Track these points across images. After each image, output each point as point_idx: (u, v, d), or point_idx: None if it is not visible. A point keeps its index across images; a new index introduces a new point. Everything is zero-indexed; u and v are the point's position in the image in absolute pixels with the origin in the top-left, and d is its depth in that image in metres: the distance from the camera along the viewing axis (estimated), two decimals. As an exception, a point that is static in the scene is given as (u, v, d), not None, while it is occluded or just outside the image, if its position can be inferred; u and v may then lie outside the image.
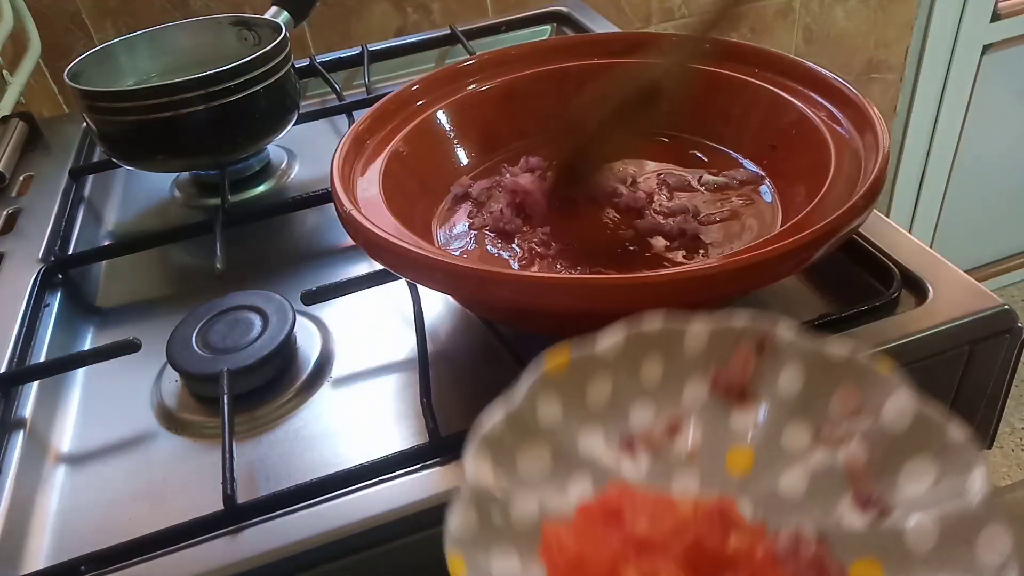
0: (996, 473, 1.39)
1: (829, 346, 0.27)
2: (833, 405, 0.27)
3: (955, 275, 0.43)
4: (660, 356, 0.28)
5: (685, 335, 0.28)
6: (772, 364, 0.27)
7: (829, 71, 0.47)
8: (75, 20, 0.87)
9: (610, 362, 0.28)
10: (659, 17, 1.09)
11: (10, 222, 0.59)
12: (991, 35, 1.36)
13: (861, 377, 0.26)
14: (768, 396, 0.27)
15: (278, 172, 0.65)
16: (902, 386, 0.26)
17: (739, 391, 0.28)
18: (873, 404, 0.26)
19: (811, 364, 0.27)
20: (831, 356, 0.27)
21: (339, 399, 0.43)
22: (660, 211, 0.47)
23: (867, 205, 0.36)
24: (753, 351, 0.28)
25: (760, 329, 0.27)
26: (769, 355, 0.27)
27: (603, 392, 0.28)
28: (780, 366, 0.27)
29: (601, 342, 0.28)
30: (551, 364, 0.27)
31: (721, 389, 0.28)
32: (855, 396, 0.26)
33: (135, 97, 0.54)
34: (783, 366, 0.27)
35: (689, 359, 0.28)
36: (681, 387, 0.28)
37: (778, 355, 0.27)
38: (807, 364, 0.27)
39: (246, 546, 0.34)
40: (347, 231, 0.40)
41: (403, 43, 0.81)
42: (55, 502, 0.39)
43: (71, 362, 0.45)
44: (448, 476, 0.36)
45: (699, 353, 0.28)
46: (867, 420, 0.26)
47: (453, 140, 0.53)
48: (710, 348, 0.28)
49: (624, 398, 0.28)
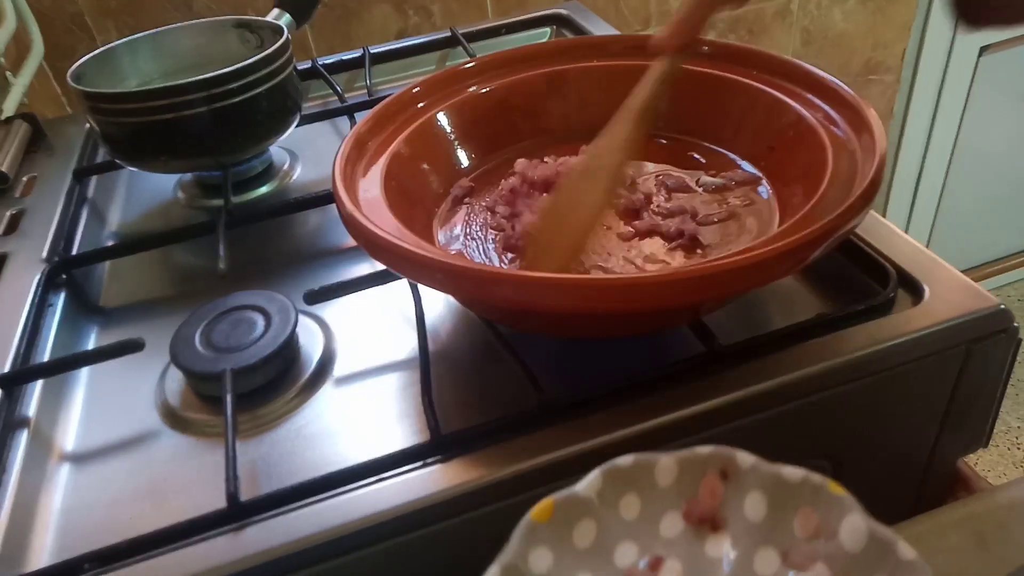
0: (993, 472, 1.39)
1: (784, 470, 0.29)
2: (796, 528, 0.28)
3: (951, 275, 0.43)
4: (635, 492, 0.30)
5: (656, 468, 0.30)
6: (737, 491, 0.29)
7: (827, 73, 0.47)
8: (77, 21, 0.88)
9: (592, 502, 0.29)
10: (658, 19, 1.09)
11: (14, 223, 0.59)
12: (988, 36, 1.36)
13: (817, 499, 0.28)
14: (737, 523, 0.29)
15: (280, 173, 0.66)
16: (855, 506, 0.27)
17: (711, 520, 0.30)
18: (830, 525, 0.28)
19: (772, 489, 0.29)
20: (788, 479, 0.29)
21: (341, 398, 0.43)
22: (658, 212, 0.47)
23: (864, 206, 0.36)
24: (719, 478, 0.30)
25: (723, 455, 0.30)
26: (733, 481, 0.29)
27: (588, 535, 0.29)
28: (744, 492, 0.29)
29: (581, 483, 0.29)
30: (537, 512, 0.29)
31: (694, 520, 0.30)
32: (814, 518, 0.28)
33: (138, 99, 0.55)
34: (747, 492, 0.29)
35: (662, 492, 0.30)
36: (658, 521, 0.30)
37: (741, 481, 0.29)
38: (768, 489, 0.29)
39: (249, 544, 0.34)
40: (349, 232, 0.41)
41: (404, 45, 0.81)
42: (59, 500, 0.39)
43: (75, 361, 0.46)
44: (449, 474, 0.36)
45: (671, 485, 0.30)
46: (827, 541, 0.28)
47: (454, 142, 0.53)
48: (680, 478, 0.30)
49: (608, 538, 0.30)
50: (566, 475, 0.36)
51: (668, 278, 0.34)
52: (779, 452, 0.42)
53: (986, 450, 0.58)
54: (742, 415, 0.38)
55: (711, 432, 0.38)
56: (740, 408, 0.38)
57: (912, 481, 0.47)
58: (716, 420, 0.38)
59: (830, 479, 0.28)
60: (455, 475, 0.36)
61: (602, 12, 0.87)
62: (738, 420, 0.38)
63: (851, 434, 0.43)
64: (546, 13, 0.84)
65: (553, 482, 0.36)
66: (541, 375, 0.39)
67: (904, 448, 0.45)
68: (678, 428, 0.37)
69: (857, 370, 0.40)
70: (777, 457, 0.42)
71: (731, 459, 0.30)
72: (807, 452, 0.43)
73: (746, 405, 0.38)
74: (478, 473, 0.36)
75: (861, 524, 0.27)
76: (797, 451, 0.42)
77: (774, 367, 0.39)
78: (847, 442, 0.43)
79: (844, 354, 0.39)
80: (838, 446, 0.43)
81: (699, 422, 0.38)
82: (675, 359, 0.40)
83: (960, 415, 0.44)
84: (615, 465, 0.30)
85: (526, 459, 0.36)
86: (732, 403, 0.38)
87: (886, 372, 0.40)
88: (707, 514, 0.30)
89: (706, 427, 0.38)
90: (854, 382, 0.40)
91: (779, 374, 0.39)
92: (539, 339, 0.44)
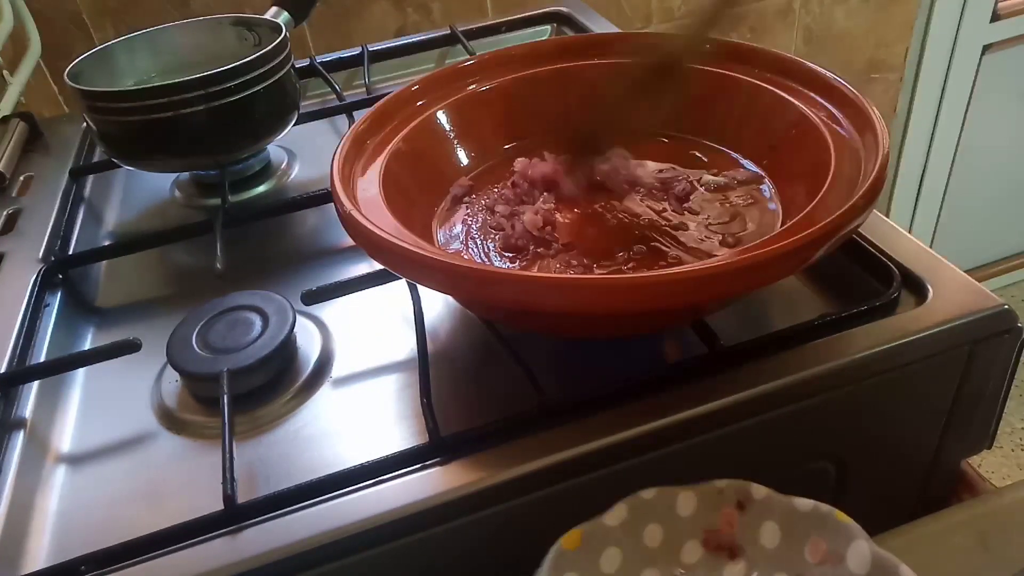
0: (997, 474, 1.39)
1: (795, 501, 0.31)
2: (807, 554, 0.31)
3: (955, 275, 0.43)
4: (658, 522, 0.32)
5: (677, 499, 0.32)
6: (752, 520, 0.32)
7: (829, 71, 0.47)
8: (75, 20, 0.88)
9: (617, 531, 0.32)
10: (659, 17, 1.09)
11: (10, 222, 0.59)
12: (991, 35, 1.36)
13: (825, 527, 0.30)
14: (753, 550, 0.32)
15: (278, 172, 0.65)
16: (860, 533, 0.30)
17: (729, 547, 0.32)
18: (838, 551, 0.30)
19: (784, 518, 0.31)
20: (799, 508, 0.31)
21: (339, 399, 0.43)
22: (658, 211, 0.47)
23: (867, 205, 0.36)
24: (735, 509, 0.32)
25: (738, 488, 0.32)
26: (748, 512, 0.32)
27: (614, 561, 0.32)
28: (760, 522, 0.32)
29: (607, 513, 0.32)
30: (567, 540, 0.31)
31: (713, 548, 0.32)
32: (824, 544, 0.30)
33: (135, 97, 0.54)
34: (762, 522, 0.32)
35: (683, 521, 0.32)
36: (679, 549, 0.32)
37: (756, 511, 0.32)
38: (781, 518, 0.31)
39: (246, 546, 0.34)
40: (347, 231, 0.40)
41: (403, 43, 0.81)
42: (55, 502, 0.39)
43: (71, 362, 0.46)
44: (448, 476, 0.36)
45: (691, 515, 0.32)
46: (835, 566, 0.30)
47: (453, 140, 0.53)
48: (699, 509, 0.32)
49: (633, 565, 0.32)
50: (566, 477, 0.36)
51: (669, 278, 0.34)
52: (782, 453, 0.42)
53: (990, 452, 0.57)
54: (745, 416, 0.38)
55: (713, 434, 0.38)
56: (743, 409, 0.38)
57: (916, 482, 0.47)
58: (719, 422, 0.38)
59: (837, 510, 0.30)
60: (454, 477, 0.36)
61: (603, 10, 0.87)
62: (741, 421, 0.38)
63: (854, 435, 0.43)
64: (546, 11, 0.84)
65: (553, 484, 0.36)
66: (541, 376, 0.39)
67: (908, 449, 0.45)
68: (680, 430, 0.37)
69: (860, 371, 0.39)
70: (780, 458, 0.42)
71: (746, 491, 0.32)
72: (810, 453, 0.42)
73: (749, 406, 0.38)
74: (477, 475, 0.35)
75: (866, 549, 0.29)
76: (800, 452, 0.42)
77: (777, 368, 0.39)
78: (850, 443, 0.43)
79: (847, 355, 0.39)
80: (841, 447, 0.43)
81: (701, 424, 0.37)
82: (677, 360, 0.39)
83: (964, 416, 0.44)
84: (639, 497, 0.32)
85: (526, 461, 0.36)
86: (735, 404, 0.38)
87: (890, 373, 0.40)
88: (725, 542, 0.32)
89: (709, 429, 0.38)
90: (857, 383, 0.40)
91: (782, 375, 0.38)
92: (539, 339, 0.43)
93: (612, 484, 0.36)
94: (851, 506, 0.38)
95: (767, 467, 0.41)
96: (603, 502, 0.33)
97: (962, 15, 1.30)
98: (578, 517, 0.33)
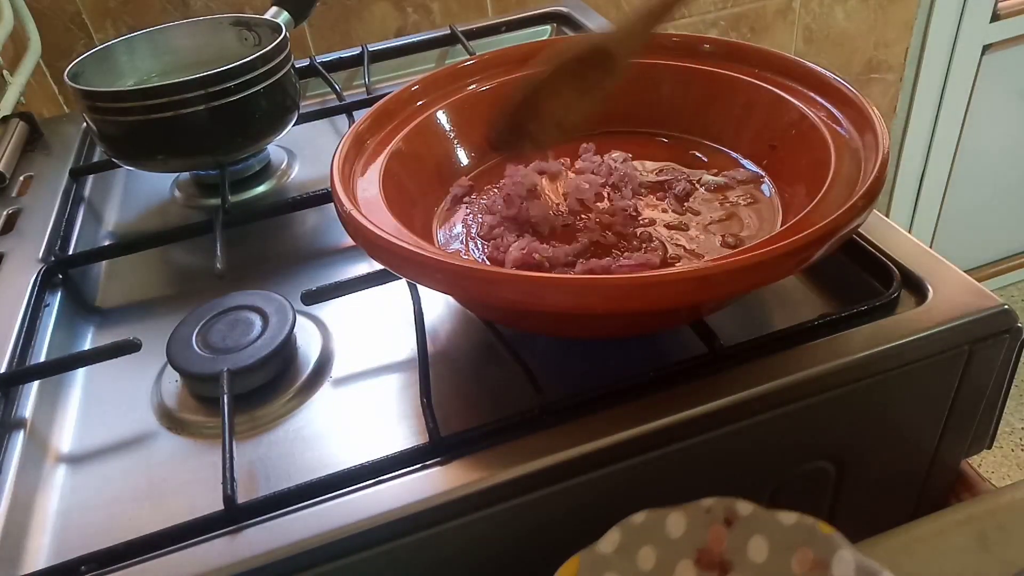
0: (996, 474, 1.39)
1: (779, 515, 0.32)
2: (794, 565, 0.31)
3: (955, 275, 0.43)
4: (650, 544, 0.33)
5: (666, 521, 0.33)
6: (740, 536, 0.32)
7: (829, 71, 0.47)
8: (75, 20, 0.88)
9: (612, 557, 0.33)
10: (659, 17, 1.09)
11: (10, 222, 0.59)
12: (991, 35, 1.36)
13: (810, 539, 0.31)
14: (743, 565, 0.32)
15: (278, 172, 0.65)
16: (843, 542, 0.30)
17: (719, 564, 0.33)
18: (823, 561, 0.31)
19: (770, 532, 0.32)
20: (783, 522, 0.32)
21: (339, 399, 0.43)
22: (658, 211, 0.47)
23: (867, 205, 0.36)
24: (723, 526, 0.33)
25: (724, 505, 0.33)
26: (735, 528, 0.32)
27: None
28: (747, 537, 0.32)
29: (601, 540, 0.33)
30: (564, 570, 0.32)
31: (705, 565, 0.33)
32: (809, 555, 0.31)
33: (135, 97, 0.54)
34: (750, 537, 0.32)
35: (674, 542, 0.33)
36: (673, 569, 0.33)
37: (743, 527, 0.32)
38: (767, 532, 0.32)
39: (246, 546, 0.34)
40: (347, 231, 0.40)
41: (403, 43, 0.81)
42: (55, 502, 0.39)
43: (71, 362, 0.45)
44: (448, 476, 0.36)
45: (681, 535, 0.33)
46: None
47: (453, 140, 0.53)
48: (688, 528, 0.33)
49: None
50: (566, 477, 0.36)
51: (669, 278, 0.34)
52: (782, 453, 0.42)
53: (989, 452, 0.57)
54: (744, 416, 0.38)
55: (713, 434, 0.38)
56: (742, 409, 0.38)
57: (915, 482, 0.47)
58: (718, 421, 0.38)
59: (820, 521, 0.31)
60: (454, 477, 0.36)
61: (602, 9, 0.87)
62: (740, 421, 0.38)
63: (854, 435, 0.43)
64: (546, 11, 0.84)
65: (553, 484, 0.36)
66: (541, 376, 0.39)
67: (907, 449, 0.45)
68: (680, 430, 0.37)
69: (860, 371, 0.39)
70: (780, 458, 0.42)
71: (732, 508, 0.33)
72: (810, 453, 0.42)
73: (749, 406, 0.38)
74: (477, 475, 0.35)
75: (850, 558, 0.30)
76: (800, 452, 0.42)
77: (777, 368, 0.39)
78: (850, 443, 0.43)
79: (847, 355, 0.39)
80: (841, 447, 0.43)
81: (701, 424, 0.37)
82: (677, 360, 0.39)
83: (963, 416, 0.44)
84: (630, 522, 0.33)
85: (526, 461, 0.36)
86: (734, 404, 0.38)
87: (889, 373, 0.40)
88: (716, 559, 0.33)
89: (708, 429, 0.38)
90: (857, 383, 0.40)
91: (782, 375, 0.38)
92: (539, 339, 0.43)
93: (612, 484, 0.37)
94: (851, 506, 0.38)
95: (767, 467, 0.42)
96: (603, 502, 0.33)
97: (962, 15, 1.30)
98: (578, 517, 0.33)
